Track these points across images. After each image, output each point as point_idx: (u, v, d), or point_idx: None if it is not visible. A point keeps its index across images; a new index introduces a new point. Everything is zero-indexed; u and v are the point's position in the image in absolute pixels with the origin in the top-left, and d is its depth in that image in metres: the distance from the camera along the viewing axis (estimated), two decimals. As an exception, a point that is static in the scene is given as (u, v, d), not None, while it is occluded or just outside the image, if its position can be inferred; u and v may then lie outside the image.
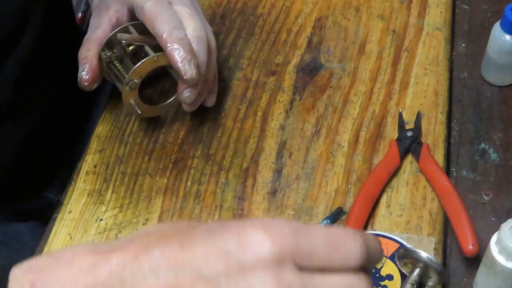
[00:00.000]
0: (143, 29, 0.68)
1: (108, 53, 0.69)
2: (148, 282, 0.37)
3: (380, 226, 0.65)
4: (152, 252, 0.38)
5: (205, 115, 0.75)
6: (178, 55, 0.64)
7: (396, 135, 0.72)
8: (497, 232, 0.56)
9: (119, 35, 0.69)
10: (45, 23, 0.75)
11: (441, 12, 0.83)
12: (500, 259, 0.56)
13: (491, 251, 0.56)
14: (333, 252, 0.39)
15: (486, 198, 0.68)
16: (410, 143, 0.70)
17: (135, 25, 0.70)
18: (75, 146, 0.89)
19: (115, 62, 0.69)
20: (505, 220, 0.56)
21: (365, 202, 0.65)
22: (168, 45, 0.64)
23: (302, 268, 0.38)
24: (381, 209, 0.67)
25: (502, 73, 0.76)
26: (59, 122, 0.84)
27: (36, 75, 0.77)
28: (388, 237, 0.63)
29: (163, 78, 0.78)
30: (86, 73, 0.69)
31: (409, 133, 0.71)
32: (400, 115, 0.73)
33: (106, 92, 0.79)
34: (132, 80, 0.67)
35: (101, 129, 0.75)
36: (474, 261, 0.63)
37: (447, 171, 0.69)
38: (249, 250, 0.37)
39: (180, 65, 0.64)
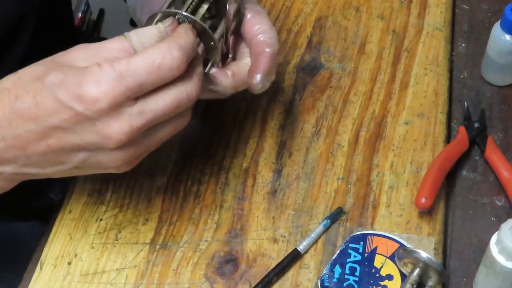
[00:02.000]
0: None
1: None
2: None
3: (380, 226, 0.66)
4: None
5: (205, 115, 0.75)
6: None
7: (395, 135, 0.72)
8: (497, 232, 0.56)
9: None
10: (41, 25, 0.75)
11: (441, 12, 0.83)
12: (500, 259, 0.56)
13: (491, 251, 0.56)
14: (158, 75, 0.52)
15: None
16: (476, 133, 0.72)
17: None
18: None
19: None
20: (505, 220, 0.56)
21: (439, 172, 0.67)
22: (267, 49, 0.62)
23: (137, 98, 0.52)
24: (381, 209, 0.67)
25: (502, 73, 0.76)
26: None
27: None
28: (388, 237, 0.63)
29: None
30: None
31: (476, 124, 0.73)
32: (467, 108, 0.74)
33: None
34: None
35: (101, 129, 0.75)
36: (474, 261, 0.64)
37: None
38: (88, 103, 0.50)
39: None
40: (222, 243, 0.65)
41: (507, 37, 0.72)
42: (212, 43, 0.59)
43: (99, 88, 0.50)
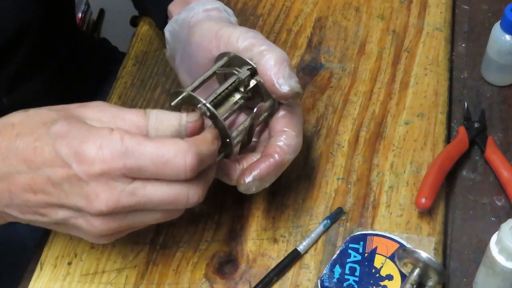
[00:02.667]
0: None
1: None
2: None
3: (380, 226, 0.66)
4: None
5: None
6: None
7: (395, 135, 0.72)
8: (497, 232, 0.56)
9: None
10: (44, 31, 0.75)
11: (441, 12, 0.83)
12: (500, 259, 0.56)
13: (491, 251, 0.56)
14: (162, 169, 0.49)
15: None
16: (476, 133, 0.72)
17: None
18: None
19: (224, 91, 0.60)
20: (505, 220, 0.56)
21: (439, 172, 0.66)
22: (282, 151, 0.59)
23: (134, 178, 0.50)
24: (381, 209, 0.67)
25: (502, 73, 0.76)
26: None
27: (31, 79, 0.76)
28: (388, 237, 0.63)
29: None
30: None
31: (476, 124, 0.73)
32: (467, 108, 0.74)
33: (105, 92, 0.79)
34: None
35: (101, 129, 0.75)
36: (474, 261, 0.64)
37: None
38: (83, 164, 0.48)
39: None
40: (222, 243, 0.65)
41: (507, 37, 0.72)
42: (228, 140, 0.57)
43: (99, 152, 0.49)
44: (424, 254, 0.58)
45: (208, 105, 0.55)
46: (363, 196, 0.68)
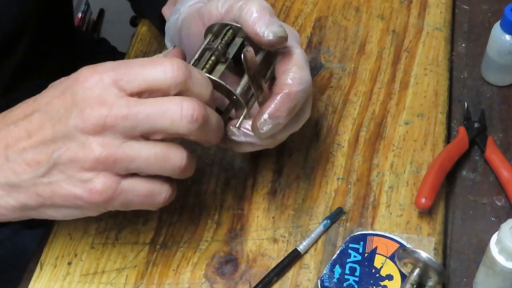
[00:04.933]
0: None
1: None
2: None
3: (380, 226, 0.66)
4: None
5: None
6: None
7: (395, 135, 0.72)
8: (497, 232, 0.56)
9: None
10: (41, 31, 0.75)
11: (441, 12, 0.83)
12: (500, 259, 0.56)
13: (491, 251, 0.56)
14: (150, 70, 0.50)
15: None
16: (476, 133, 0.72)
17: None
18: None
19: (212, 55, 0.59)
20: (505, 220, 0.56)
21: (439, 172, 0.66)
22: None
23: (130, 94, 0.50)
24: (381, 209, 0.67)
25: (502, 73, 0.76)
26: None
27: (28, 78, 0.76)
28: (388, 237, 0.63)
29: None
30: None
31: (476, 124, 0.73)
32: (467, 108, 0.74)
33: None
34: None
35: (101, 129, 0.75)
36: (474, 261, 0.64)
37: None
38: (79, 83, 0.50)
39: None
40: (222, 243, 0.65)
41: (507, 37, 0.72)
42: (234, 97, 0.57)
43: (94, 69, 0.50)
44: (424, 254, 0.58)
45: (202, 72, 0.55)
46: (363, 196, 0.68)
